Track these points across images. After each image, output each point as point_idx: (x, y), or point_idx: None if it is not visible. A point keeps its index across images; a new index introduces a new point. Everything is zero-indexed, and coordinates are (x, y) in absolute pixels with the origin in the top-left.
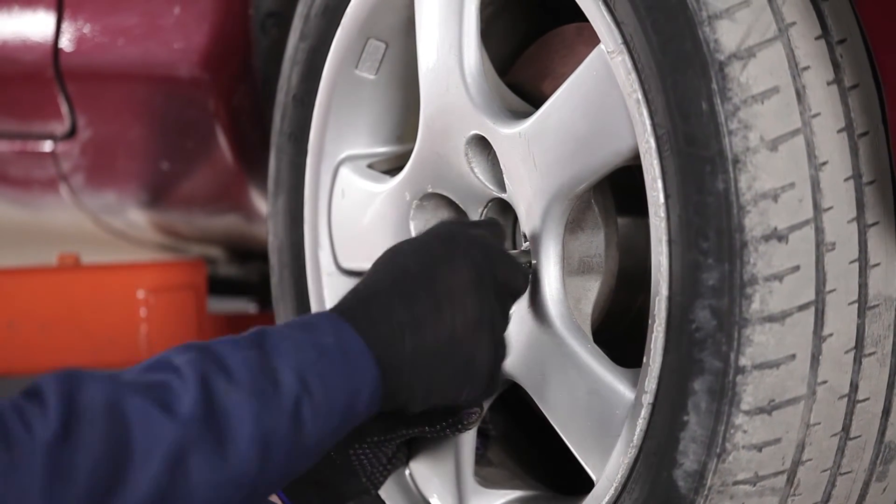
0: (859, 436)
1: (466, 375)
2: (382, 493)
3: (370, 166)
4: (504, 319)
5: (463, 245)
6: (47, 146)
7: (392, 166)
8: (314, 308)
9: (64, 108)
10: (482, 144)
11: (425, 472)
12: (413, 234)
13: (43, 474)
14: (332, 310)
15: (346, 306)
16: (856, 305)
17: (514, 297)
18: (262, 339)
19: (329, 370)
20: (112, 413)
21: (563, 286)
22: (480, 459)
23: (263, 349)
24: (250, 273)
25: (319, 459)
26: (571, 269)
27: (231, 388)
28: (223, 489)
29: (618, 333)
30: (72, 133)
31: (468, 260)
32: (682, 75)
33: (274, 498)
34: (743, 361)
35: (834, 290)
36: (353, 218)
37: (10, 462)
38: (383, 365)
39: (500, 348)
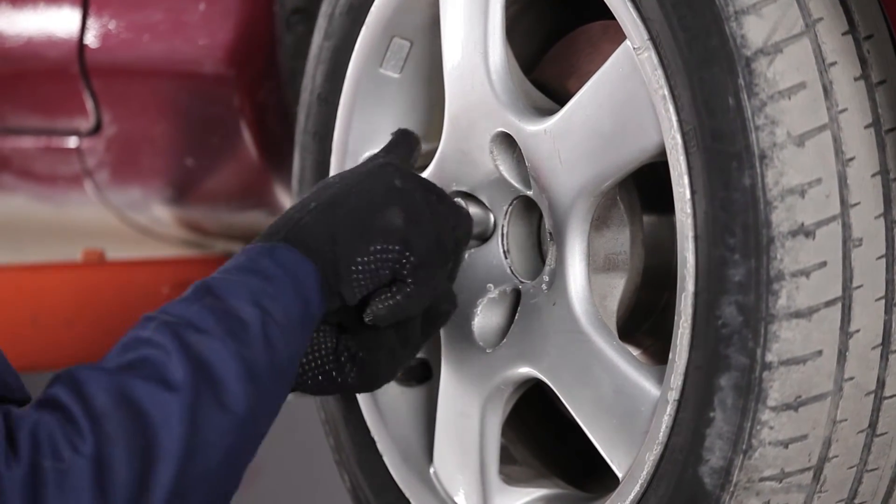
0: (886, 432)
1: (377, 231)
2: (407, 490)
3: None
4: (427, 208)
5: (390, 170)
6: (72, 142)
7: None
8: None
9: (89, 105)
10: (507, 142)
11: (450, 471)
12: None
13: (93, 485)
14: (255, 240)
15: (266, 232)
16: (883, 301)
17: (441, 197)
18: (208, 288)
19: (278, 289)
20: (124, 403)
21: (588, 283)
22: (505, 457)
23: (214, 295)
24: None
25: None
26: (597, 266)
27: (203, 338)
28: (233, 434)
29: (643, 330)
30: (97, 129)
31: (392, 171)
32: (708, 71)
33: None
34: (769, 357)
35: (861, 285)
36: None
37: (69, 484)
38: (317, 263)
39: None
